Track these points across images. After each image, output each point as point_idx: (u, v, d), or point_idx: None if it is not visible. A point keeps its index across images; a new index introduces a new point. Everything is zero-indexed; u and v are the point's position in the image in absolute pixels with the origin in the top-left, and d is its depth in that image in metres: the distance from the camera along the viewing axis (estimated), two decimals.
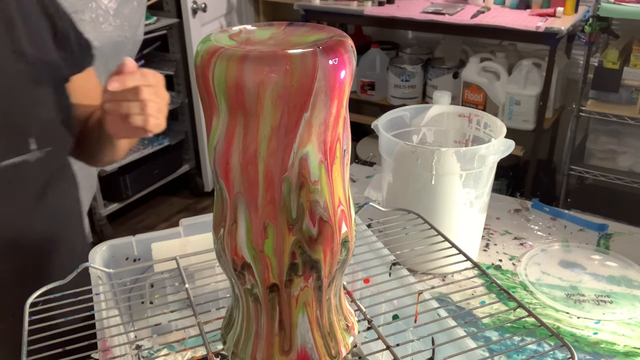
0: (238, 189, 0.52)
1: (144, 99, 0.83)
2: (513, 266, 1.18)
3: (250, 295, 0.57)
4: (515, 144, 1.11)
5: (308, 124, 0.50)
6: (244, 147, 0.50)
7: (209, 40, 0.51)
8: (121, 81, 0.81)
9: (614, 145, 2.43)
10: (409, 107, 1.23)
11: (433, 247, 0.84)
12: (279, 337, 0.58)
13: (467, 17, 2.49)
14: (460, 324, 0.73)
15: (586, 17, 2.44)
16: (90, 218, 2.81)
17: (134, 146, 1.32)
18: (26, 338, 0.64)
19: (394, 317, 0.83)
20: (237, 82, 0.47)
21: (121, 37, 2.56)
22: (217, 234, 0.57)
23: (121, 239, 0.95)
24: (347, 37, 0.52)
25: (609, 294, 1.10)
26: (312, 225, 0.53)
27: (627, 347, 0.98)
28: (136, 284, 0.87)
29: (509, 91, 2.56)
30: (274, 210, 0.52)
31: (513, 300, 0.69)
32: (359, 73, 2.93)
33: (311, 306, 0.57)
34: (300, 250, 0.54)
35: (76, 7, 2.36)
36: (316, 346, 0.59)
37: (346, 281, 0.86)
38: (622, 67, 2.26)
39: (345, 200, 0.56)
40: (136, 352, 0.85)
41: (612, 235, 1.28)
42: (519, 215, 1.36)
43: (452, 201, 1.09)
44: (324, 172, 0.52)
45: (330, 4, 2.78)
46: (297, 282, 0.55)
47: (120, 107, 0.83)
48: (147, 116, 0.84)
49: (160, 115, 0.87)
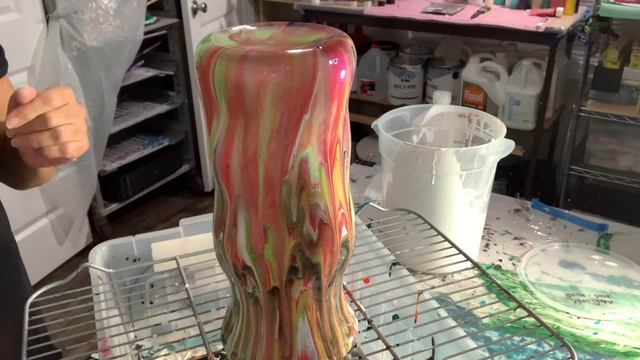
0: (239, 192, 0.52)
1: (53, 126, 0.72)
2: (513, 266, 1.18)
3: (251, 298, 0.57)
4: (515, 144, 1.11)
5: (308, 125, 0.50)
6: (244, 148, 0.50)
7: (209, 40, 0.51)
8: (21, 115, 0.69)
9: (614, 145, 2.43)
10: (409, 107, 1.23)
11: (433, 247, 0.84)
12: (279, 344, 0.58)
13: (467, 17, 2.49)
14: (460, 324, 0.73)
15: (586, 17, 2.44)
16: (90, 218, 2.81)
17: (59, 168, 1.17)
18: (26, 338, 0.63)
19: (394, 317, 0.83)
20: (237, 82, 0.47)
21: (121, 37, 2.56)
22: (217, 238, 0.56)
23: (121, 239, 0.95)
24: (347, 37, 0.52)
25: (609, 294, 1.10)
26: (313, 229, 0.53)
27: (627, 347, 0.98)
28: (136, 284, 0.87)
29: (509, 91, 2.56)
30: (274, 214, 0.52)
31: (513, 300, 0.69)
32: (359, 73, 2.93)
33: (311, 309, 0.57)
34: (300, 253, 0.54)
35: (76, 7, 2.36)
36: (317, 350, 0.59)
37: (346, 281, 0.86)
38: (622, 67, 2.26)
39: (345, 203, 0.56)
40: (136, 352, 0.85)
41: (612, 235, 1.28)
42: (519, 215, 1.36)
43: (452, 201, 1.09)
44: (324, 174, 0.52)
45: (330, 4, 2.78)
46: (297, 285, 0.55)
47: (30, 142, 0.72)
48: (64, 144, 0.74)
49: (80, 136, 0.76)
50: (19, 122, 0.69)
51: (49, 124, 0.72)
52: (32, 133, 0.72)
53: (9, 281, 0.93)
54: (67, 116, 0.74)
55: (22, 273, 0.98)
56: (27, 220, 2.46)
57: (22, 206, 2.38)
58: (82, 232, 2.77)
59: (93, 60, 2.48)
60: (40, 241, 2.52)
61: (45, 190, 2.52)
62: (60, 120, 0.73)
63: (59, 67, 2.34)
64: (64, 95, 0.73)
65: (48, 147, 0.73)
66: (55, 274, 2.61)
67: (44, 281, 2.54)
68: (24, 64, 2.31)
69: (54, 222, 2.60)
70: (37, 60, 2.34)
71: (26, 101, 0.70)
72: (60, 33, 2.37)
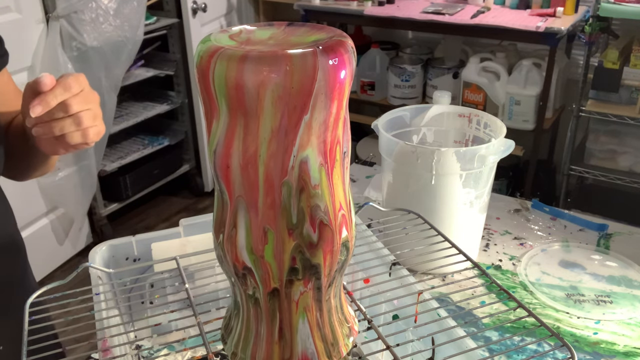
0: (239, 192, 0.52)
1: (74, 112, 0.74)
2: (513, 266, 1.18)
3: (251, 300, 0.57)
4: (515, 144, 1.11)
5: (308, 125, 0.49)
6: (244, 148, 0.50)
7: (209, 40, 0.51)
8: (44, 103, 0.71)
9: (614, 145, 2.43)
10: (409, 107, 1.23)
11: (433, 247, 0.84)
12: (279, 345, 0.58)
13: (467, 17, 2.49)
14: (460, 324, 0.73)
15: (586, 17, 2.44)
16: (90, 218, 2.81)
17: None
18: (26, 338, 0.63)
19: (394, 317, 0.83)
20: (237, 82, 0.47)
21: (121, 37, 2.56)
22: (217, 239, 0.56)
23: (121, 239, 0.95)
24: (347, 37, 0.52)
25: (609, 294, 1.10)
26: (313, 230, 0.53)
27: (627, 347, 0.98)
28: (136, 284, 0.87)
29: (509, 91, 2.56)
30: (274, 215, 0.52)
31: (513, 300, 0.69)
32: (359, 73, 2.93)
33: (311, 310, 0.57)
34: (300, 254, 0.53)
35: (76, 7, 2.36)
36: (317, 351, 0.59)
37: (346, 281, 0.86)
38: (622, 67, 2.26)
39: (346, 204, 0.56)
40: (136, 352, 0.85)
41: (612, 235, 1.28)
42: (519, 215, 1.36)
43: (452, 201, 1.09)
44: (324, 175, 0.52)
45: (330, 4, 2.78)
46: (297, 286, 0.55)
47: (52, 129, 0.74)
48: (85, 129, 0.76)
49: (98, 120, 0.79)
50: (42, 109, 0.71)
51: (69, 110, 0.74)
52: (54, 120, 0.74)
53: (16, 278, 0.94)
54: (85, 102, 0.76)
55: (29, 270, 0.99)
56: (27, 221, 2.46)
57: (22, 206, 2.38)
58: (82, 232, 2.77)
59: (93, 60, 2.48)
60: (40, 241, 2.52)
61: (45, 190, 2.52)
62: (80, 106, 0.74)
63: (59, 67, 2.34)
64: (80, 82, 0.75)
65: (70, 134, 0.75)
66: (55, 274, 2.61)
67: (44, 281, 2.54)
68: (24, 63, 2.31)
69: (54, 222, 2.60)
70: (37, 60, 2.34)
71: (47, 89, 0.72)
72: (60, 33, 2.37)
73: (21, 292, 0.91)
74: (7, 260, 0.92)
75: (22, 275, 0.96)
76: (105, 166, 2.78)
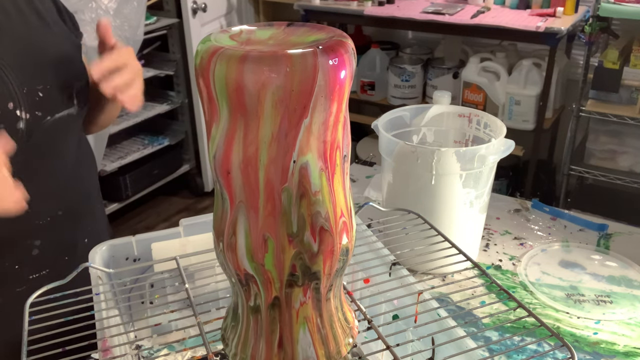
0: (240, 198, 0.52)
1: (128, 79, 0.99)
2: (513, 266, 1.18)
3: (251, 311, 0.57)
4: (515, 144, 1.11)
5: (308, 129, 0.49)
6: (244, 149, 0.50)
7: (209, 40, 0.51)
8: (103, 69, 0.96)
9: (614, 145, 2.43)
10: (409, 107, 1.23)
11: (433, 247, 0.84)
12: (279, 358, 0.58)
13: (467, 17, 2.49)
14: (460, 324, 0.73)
15: (586, 17, 2.44)
16: None
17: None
18: (26, 338, 0.64)
19: (394, 317, 0.83)
20: (237, 82, 0.47)
21: (121, 37, 2.56)
22: (218, 247, 0.56)
23: (121, 239, 0.95)
24: (347, 38, 0.52)
25: (609, 294, 1.10)
26: (313, 239, 0.53)
27: (627, 347, 0.98)
28: (136, 284, 0.87)
29: (509, 91, 2.56)
30: (274, 223, 0.51)
31: (513, 300, 0.69)
32: (359, 73, 2.93)
33: (312, 319, 0.57)
34: (300, 262, 0.53)
35: (76, 7, 2.36)
36: (317, 355, 0.58)
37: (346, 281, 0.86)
38: (622, 67, 2.26)
39: (347, 210, 0.55)
40: (136, 352, 0.85)
41: (612, 235, 1.28)
42: (519, 215, 1.36)
43: (452, 201, 1.09)
44: (325, 181, 0.52)
45: (330, 4, 2.78)
46: (297, 293, 0.55)
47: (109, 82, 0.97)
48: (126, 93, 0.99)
49: (135, 89, 1.03)
50: (99, 74, 0.96)
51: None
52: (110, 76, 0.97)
53: (94, 232, 1.10)
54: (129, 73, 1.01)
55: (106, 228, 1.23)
56: None
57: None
58: None
59: (93, 60, 2.48)
60: None
61: None
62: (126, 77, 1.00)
63: None
64: (129, 52, 1.03)
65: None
66: None
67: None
68: None
69: None
70: None
71: (105, 30, 1.00)
72: None
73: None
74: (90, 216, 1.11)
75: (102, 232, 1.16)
76: (105, 166, 2.78)
